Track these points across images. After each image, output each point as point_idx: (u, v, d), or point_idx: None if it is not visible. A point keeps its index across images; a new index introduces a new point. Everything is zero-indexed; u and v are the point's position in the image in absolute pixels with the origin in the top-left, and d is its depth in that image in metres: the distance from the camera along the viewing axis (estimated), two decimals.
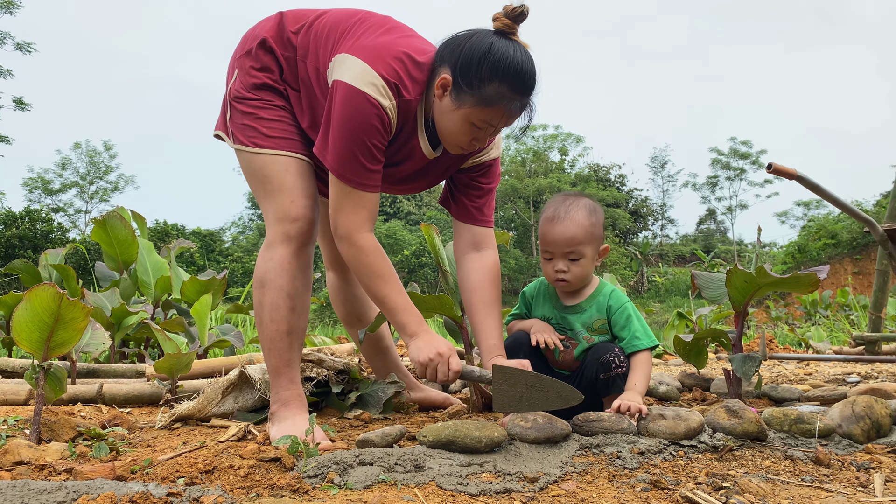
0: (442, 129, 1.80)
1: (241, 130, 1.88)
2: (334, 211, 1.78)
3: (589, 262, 1.92)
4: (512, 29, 1.72)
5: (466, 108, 1.71)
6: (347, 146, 1.70)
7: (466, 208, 2.04)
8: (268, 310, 1.84)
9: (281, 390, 1.87)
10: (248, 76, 1.88)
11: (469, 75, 1.68)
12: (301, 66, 1.87)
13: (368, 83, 1.68)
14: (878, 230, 2.96)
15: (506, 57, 1.67)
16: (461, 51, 1.71)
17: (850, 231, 25.66)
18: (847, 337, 7.95)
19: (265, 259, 1.86)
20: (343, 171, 1.73)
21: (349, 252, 1.77)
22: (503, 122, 1.76)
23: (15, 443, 1.60)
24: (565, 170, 44.41)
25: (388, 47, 1.75)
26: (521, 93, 1.72)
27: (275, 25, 1.91)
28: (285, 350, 1.86)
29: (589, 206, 1.94)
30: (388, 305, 1.78)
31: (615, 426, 1.64)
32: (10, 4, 23.94)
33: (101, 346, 2.69)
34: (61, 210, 41.16)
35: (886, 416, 1.76)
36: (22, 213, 24.36)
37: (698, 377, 2.95)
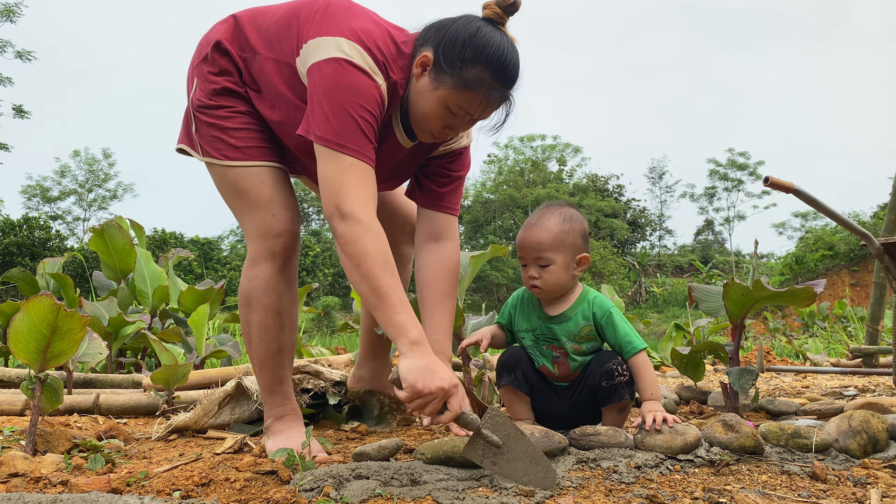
0: (416, 112, 1.70)
1: (208, 143, 1.78)
2: (335, 187, 1.55)
3: (560, 270, 1.88)
4: (502, 19, 1.67)
5: (444, 89, 1.63)
6: (346, 113, 1.55)
7: (432, 194, 1.94)
8: (256, 329, 1.79)
9: (275, 407, 1.85)
10: (207, 83, 1.78)
11: (451, 56, 1.61)
12: (262, 62, 1.74)
13: (359, 58, 1.58)
14: (874, 244, 2.97)
15: (492, 43, 1.61)
16: (446, 31, 1.64)
17: (848, 243, 25.71)
18: (844, 349, 7.95)
19: (250, 277, 1.78)
20: (343, 140, 1.54)
21: (356, 231, 1.52)
22: (480, 111, 1.68)
23: (10, 454, 1.59)
24: (563, 180, 44.50)
25: (369, 29, 1.66)
26: (503, 82, 1.65)
27: (229, 28, 1.80)
28: (277, 368, 1.83)
29: (566, 214, 1.92)
30: (391, 300, 1.51)
31: (612, 440, 1.64)
32: (11, 13, 24.02)
33: (98, 356, 2.69)
34: (59, 218, 41.13)
35: (883, 430, 1.76)
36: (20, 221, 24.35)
37: (695, 390, 2.95)
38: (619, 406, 1.90)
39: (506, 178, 42.46)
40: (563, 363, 1.94)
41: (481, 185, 44.38)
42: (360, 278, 1.53)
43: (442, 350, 1.82)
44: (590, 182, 45.23)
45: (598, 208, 41.78)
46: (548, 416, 1.96)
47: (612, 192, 46.07)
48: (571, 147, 45.21)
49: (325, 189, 1.57)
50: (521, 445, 1.47)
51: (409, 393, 1.45)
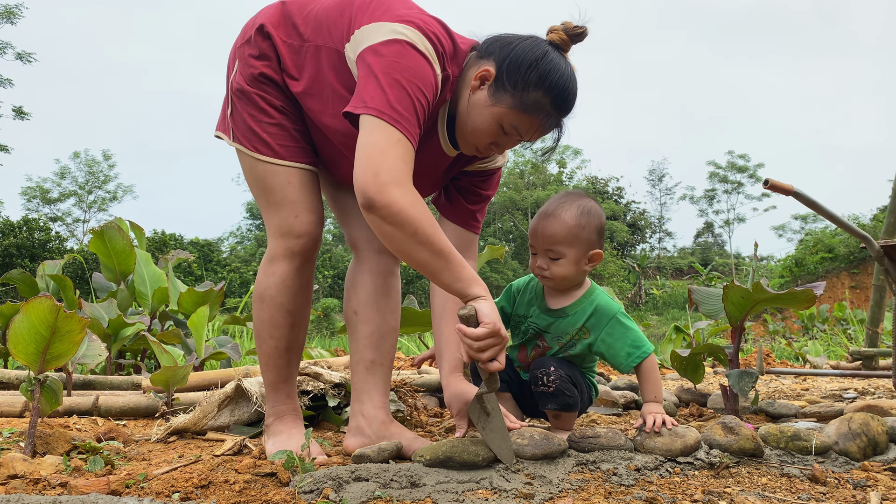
0: (466, 124, 1.67)
1: (242, 131, 1.77)
2: (380, 154, 1.43)
3: (570, 264, 1.85)
4: (566, 45, 1.66)
5: (502, 107, 1.61)
6: (403, 90, 1.47)
7: (461, 211, 1.93)
8: (267, 326, 1.79)
9: (277, 405, 1.85)
10: (247, 66, 1.75)
11: (515, 75, 1.59)
12: (308, 49, 1.69)
13: (421, 43, 1.52)
14: (874, 246, 2.97)
15: (557, 70, 1.60)
16: (513, 48, 1.61)
17: (848, 245, 25.73)
18: (844, 351, 7.95)
19: (266, 273, 1.79)
20: (398, 117, 1.45)
21: (404, 198, 1.42)
22: (531, 134, 1.67)
23: (9, 456, 1.59)
24: (563, 182, 44.52)
25: (429, 19, 1.61)
26: (560, 111, 1.65)
27: (276, 12, 1.76)
28: (284, 366, 1.83)
29: (584, 207, 1.86)
30: (455, 258, 1.47)
31: (612, 442, 1.64)
32: (11, 14, 24.04)
33: (97, 358, 2.69)
34: (59, 219, 41.16)
35: (883, 433, 1.76)
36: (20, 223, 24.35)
37: (695, 392, 2.95)
38: (551, 413, 1.89)
39: (505, 180, 42.47)
40: (542, 351, 1.94)
41: None
42: (418, 245, 1.44)
43: (461, 368, 1.85)
44: (590, 184, 45.25)
45: None
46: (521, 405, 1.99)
47: (612, 195, 46.10)
48: (571, 149, 45.25)
49: (366, 156, 1.44)
50: (499, 422, 1.59)
51: (489, 329, 1.45)
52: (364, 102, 1.47)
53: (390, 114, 1.45)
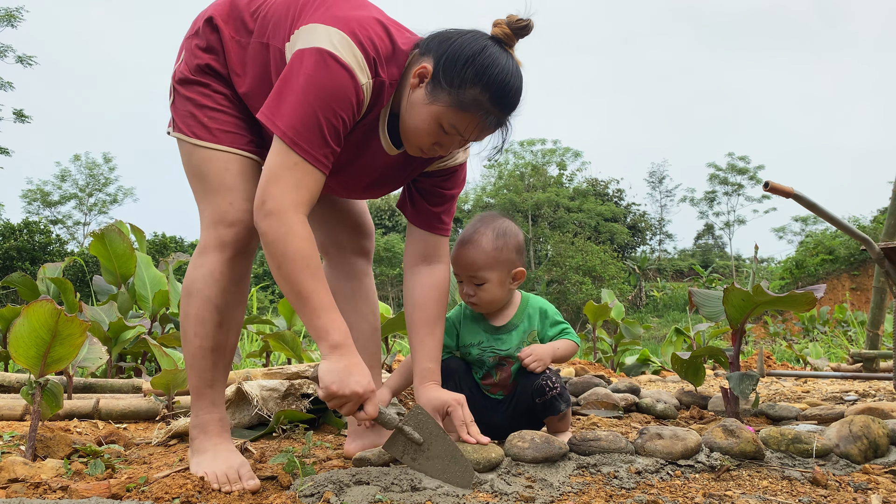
0: (406, 124, 1.62)
1: (181, 118, 1.69)
2: (269, 181, 1.47)
3: (495, 287, 1.88)
4: (511, 40, 1.59)
5: (439, 105, 1.55)
6: (311, 111, 1.46)
7: (425, 213, 1.86)
8: (192, 323, 1.65)
9: (201, 413, 1.68)
10: (193, 57, 1.70)
11: (452, 72, 1.53)
12: (254, 47, 1.66)
13: (347, 52, 1.49)
14: (874, 249, 2.97)
15: (495, 65, 1.53)
16: (451, 44, 1.56)
17: (848, 247, 25.72)
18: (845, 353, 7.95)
19: (195, 266, 1.67)
20: (298, 139, 1.46)
21: (278, 231, 1.45)
22: (473, 134, 1.61)
23: (10, 460, 1.59)
24: (563, 184, 44.52)
25: (366, 21, 1.57)
26: (501, 108, 1.58)
27: (225, 5, 1.72)
28: (208, 369, 1.67)
29: (499, 229, 1.88)
30: (312, 304, 1.47)
31: (612, 445, 1.64)
32: (12, 17, 24.08)
33: (98, 361, 2.68)
34: (60, 222, 41.14)
35: (884, 435, 1.76)
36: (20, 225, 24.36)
37: (696, 395, 2.95)
38: (558, 417, 1.91)
39: (506, 182, 42.47)
40: (506, 370, 1.93)
41: (481, 189, 44.40)
42: (282, 279, 1.48)
43: (433, 376, 1.79)
44: (590, 186, 45.25)
45: (598, 212, 41.80)
46: (485, 427, 1.86)
47: (612, 197, 46.09)
48: (571, 151, 45.23)
49: (262, 181, 1.50)
50: (442, 444, 1.51)
51: (324, 393, 1.44)
52: (273, 117, 1.49)
53: (292, 136, 1.46)
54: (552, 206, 41.02)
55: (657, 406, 2.72)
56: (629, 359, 6.34)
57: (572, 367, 4.85)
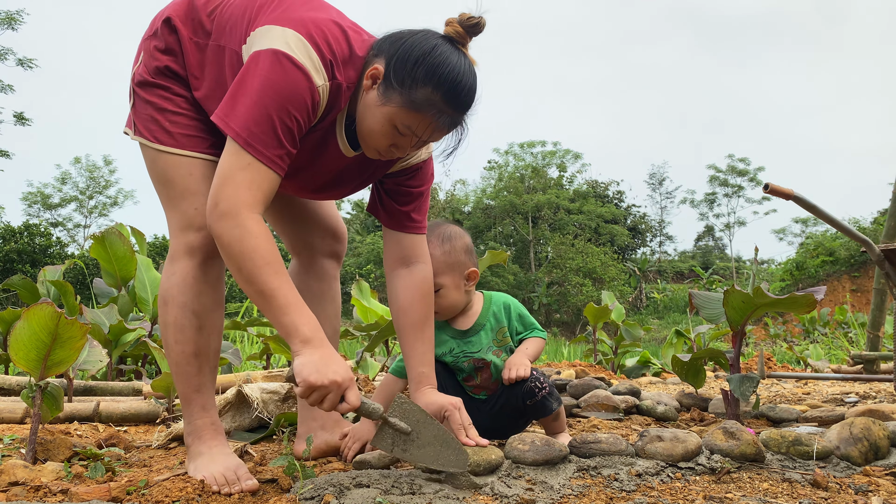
0: (362, 126, 1.61)
1: (143, 122, 1.68)
2: (222, 182, 1.46)
3: (452, 291, 1.90)
4: (463, 39, 1.57)
5: (392, 106, 1.53)
6: (266, 112, 1.45)
7: (395, 214, 1.83)
8: (172, 330, 1.65)
9: (193, 419, 1.68)
10: (151, 58, 1.68)
11: (402, 72, 1.51)
12: (211, 49, 1.65)
13: (303, 54, 1.48)
14: (875, 250, 2.97)
15: (447, 64, 1.51)
16: (401, 44, 1.54)
17: (848, 248, 25.72)
18: (845, 355, 7.94)
19: (168, 274, 1.66)
20: (252, 139, 1.45)
21: (232, 233, 1.43)
22: (427, 134, 1.58)
23: (10, 463, 1.59)
24: (563, 186, 44.54)
25: (323, 23, 1.56)
26: (454, 107, 1.56)
27: (183, 5, 1.70)
28: (194, 374, 1.67)
29: (444, 234, 1.90)
30: (277, 301, 1.44)
31: (613, 448, 1.64)
32: (13, 20, 24.11)
33: (98, 364, 2.68)
34: (60, 225, 41.18)
35: (884, 437, 1.76)
36: (21, 228, 24.37)
37: (696, 397, 2.95)
38: (552, 417, 1.91)
39: (506, 184, 42.48)
40: (486, 371, 1.94)
41: (482, 191, 44.42)
42: (243, 280, 1.45)
43: (428, 381, 1.77)
44: (590, 188, 45.25)
45: (599, 214, 41.81)
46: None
47: (613, 198, 46.09)
48: (571, 153, 45.26)
49: (215, 181, 1.49)
50: (431, 430, 1.50)
51: (303, 387, 1.40)
52: (226, 118, 1.48)
53: (245, 137, 1.45)
54: (552, 207, 41.04)
55: (658, 408, 2.72)
56: (630, 361, 6.33)
57: (573, 368, 4.85)
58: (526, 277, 37.47)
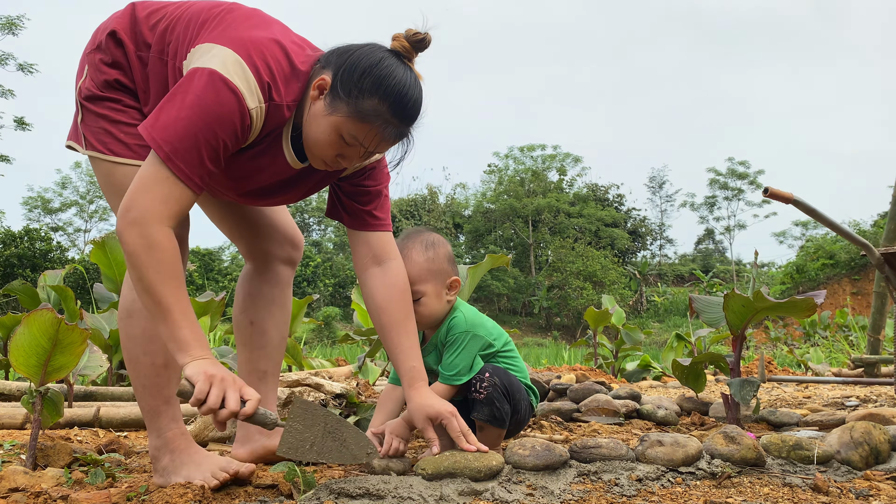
0: (308, 137, 1.61)
1: (94, 135, 1.67)
2: (137, 189, 1.46)
3: (433, 300, 1.85)
4: (409, 53, 1.61)
5: (338, 116, 1.55)
6: (192, 130, 1.46)
7: (357, 214, 1.83)
8: (139, 342, 1.63)
9: (163, 432, 1.64)
10: (98, 72, 1.68)
11: (349, 83, 1.54)
12: (154, 63, 1.66)
13: (238, 75, 1.49)
14: (874, 254, 2.97)
15: (393, 76, 1.55)
16: (349, 56, 1.57)
17: (849, 252, 25.71)
18: (846, 358, 7.93)
19: (131, 285, 1.62)
20: (174, 154, 1.45)
21: (137, 242, 1.43)
22: (373, 145, 1.59)
23: (11, 469, 1.59)
24: (563, 189, 44.56)
25: (263, 42, 1.56)
26: (400, 118, 1.58)
27: (126, 17, 1.69)
28: (164, 386, 1.65)
29: (426, 241, 1.87)
30: (174, 316, 1.43)
31: (613, 452, 1.64)
32: (13, 25, 24.15)
33: (98, 369, 2.69)
34: (61, 229, 41.21)
35: (885, 442, 1.76)
36: (21, 233, 24.37)
37: (697, 401, 2.94)
38: (478, 424, 1.83)
39: (506, 187, 42.52)
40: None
41: (482, 194, 44.45)
42: (141, 290, 1.45)
43: (420, 376, 1.75)
44: (590, 191, 45.29)
45: (599, 217, 41.82)
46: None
47: (613, 202, 46.12)
48: (571, 157, 45.31)
49: (132, 185, 1.48)
50: (333, 426, 1.49)
51: (202, 378, 1.38)
52: (151, 129, 1.48)
53: (168, 151, 1.45)
54: (552, 211, 41.06)
55: (658, 412, 2.71)
56: (630, 364, 6.33)
57: (573, 373, 4.84)
58: (526, 281, 37.45)
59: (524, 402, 1.88)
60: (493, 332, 1.93)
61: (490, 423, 1.80)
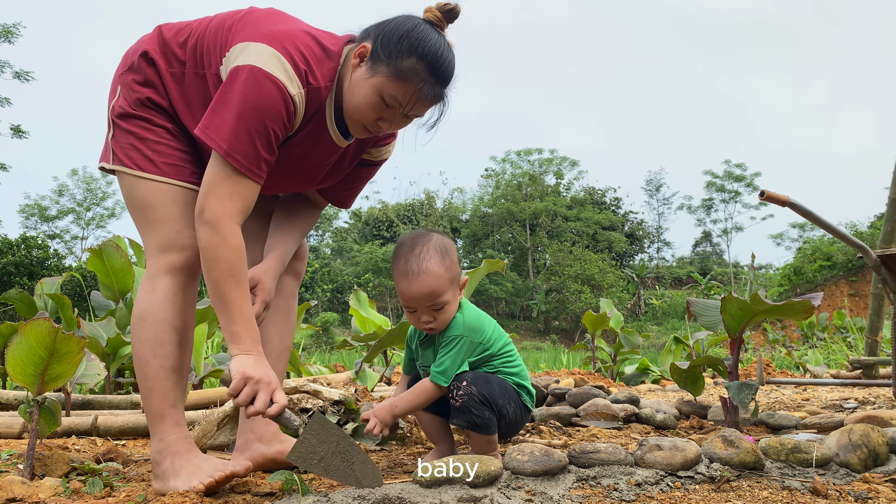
0: (349, 104, 1.72)
1: (123, 151, 1.76)
2: (207, 192, 1.61)
3: (452, 305, 1.84)
4: (441, 23, 1.73)
5: (380, 77, 1.66)
6: (245, 125, 1.58)
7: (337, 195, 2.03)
8: (150, 345, 1.69)
9: (166, 435, 1.68)
10: (131, 91, 1.77)
11: (389, 45, 1.66)
12: (190, 77, 1.76)
13: (276, 67, 1.60)
14: (871, 256, 2.98)
15: (429, 38, 1.68)
16: (387, 24, 1.71)
17: (846, 253, 25.75)
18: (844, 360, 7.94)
19: (147, 290, 1.71)
20: (233, 151, 1.58)
21: (213, 240, 1.58)
22: (413, 104, 1.70)
23: (8, 479, 1.59)
24: (561, 193, 44.61)
25: (292, 33, 1.68)
26: (437, 77, 1.70)
27: (155, 38, 1.80)
28: (170, 389, 1.70)
29: (440, 248, 1.81)
30: (231, 310, 1.58)
31: (612, 457, 1.64)
32: (10, 33, 24.15)
33: (96, 378, 2.68)
34: (58, 237, 41.12)
35: (883, 444, 1.76)
36: (18, 240, 24.31)
37: (695, 404, 2.94)
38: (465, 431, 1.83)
39: (503, 192, 42.54)
40: None
41: (479, 199, 44.48)
42: (209, 283, 1.60)
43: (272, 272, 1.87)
44: (587, 195, 45.32)
45: (596, 221, 41.86)
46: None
47: (610, 205, 46.17)
48: (568, 160, 45.36)
49: (201, 190, 1.63)
50: (344, 447, 1.51)
51: (238, 379, 1.52)
52: (208, 131, 1.61)
53: (226, 148, 1.58)
54: (550, 215, 41.09)
55: (657, 416, 2.71)
56: (628, 368, 6.33)
57: (572, 377, 4.84)
58: (524, 285, 37.45)
59: (513, 406, 1.85)
60: (491, 334, 1.91)
61: (472, 430, 1.80)
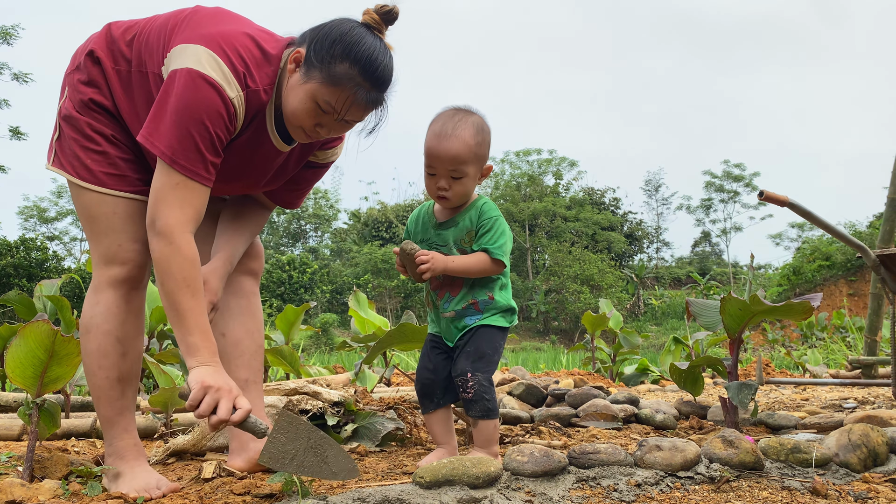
0: (287, 109, 1.70)
1: (68, 158, 1.76)
2: (156, 202, 1.60)
3: (471, 181, 1.86)
4: (379, 26, 1.71)
5: (313, 83, 1.65)
6: (186, 130, 1.57)
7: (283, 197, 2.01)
8: (95, 357, 1.73)
9: (115, 440, 1.76)
10: (76, 92, 1.76)
11: (322, 51, 1.64)
12: (134, 76, 1.74)
13: (213, 68, 1.59)
14: (870, 256, 2.98)
15: (363, 42, 1.65)
16: (321, 29, 1.69)
17: (845, 253, 25.74)
18: (843, 360, 7.95)
19: (91, 303, 1.75)
20: (177, 157, 1.57)
21: (166, 251, 1.58)
22: (346, 109, 1.68)
23: (8, 481, 1.59)
24: (560, 193, 44.60)
25: (231, 35, 1.67)
26: (371, 82, 1.67)
27: (102, 37, 1.79)
28: (117, 398, 1.75)
29: (477, 124, 1.85)
30: (187, 322, 1.57)
31: (612, 458, 1.64)
32: (8, 35, 24.14)
33: None
34: (57, 238, 41.16)
35: (883, 444, 1.76)
36: (17, 242, 24.29)
37: (695, 404, 2.94)
38: (471, 421, 1.85)
39: (502, 192, 42.53)
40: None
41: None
42: (163, 294, 1.59)
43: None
44: (586, 195, 45.33)
45: (595, 221, 41.85)
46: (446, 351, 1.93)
47: (609, 206, 46.17)
48: (567, 161, 45.34)
49: (150, 200, 1.62)
50: (316, 442, 1.50)
51: (198, 389, 1.49)
52: (151, 138, 1.59)
53: (171, 155, 1.58)
54: (549, 215, 41.09)
55: (656, 417, 2.71)
56: (628, 368, 6.33)
57: (571, 378, 4.84)
58: (524, 285, 37.44)
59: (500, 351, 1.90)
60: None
61: (485, 418, 1.82)
